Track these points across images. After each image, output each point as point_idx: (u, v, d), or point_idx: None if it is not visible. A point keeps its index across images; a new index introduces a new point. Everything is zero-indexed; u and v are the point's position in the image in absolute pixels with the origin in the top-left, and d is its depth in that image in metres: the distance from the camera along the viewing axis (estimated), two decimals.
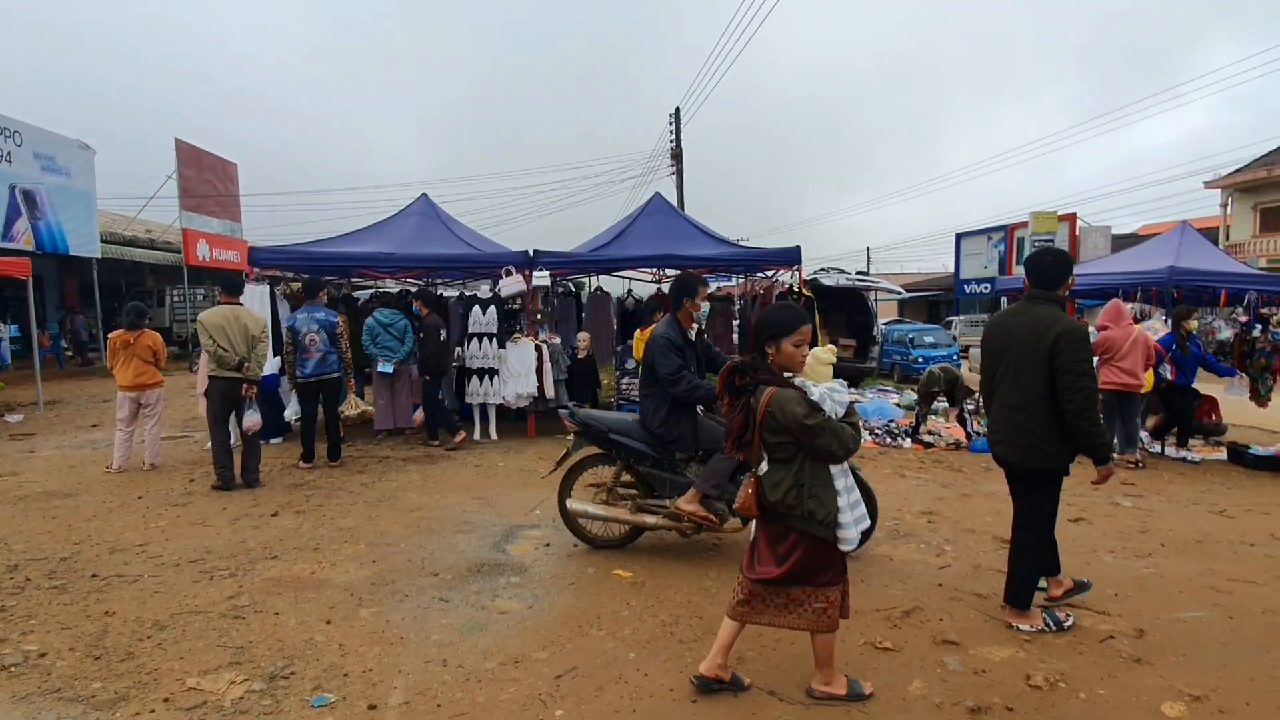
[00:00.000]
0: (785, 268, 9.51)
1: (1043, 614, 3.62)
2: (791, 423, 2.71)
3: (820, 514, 2.77)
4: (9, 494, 6.10)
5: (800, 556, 2.84)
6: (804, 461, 2.79)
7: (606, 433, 4.55)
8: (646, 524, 4.51)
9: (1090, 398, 3.35)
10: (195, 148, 21.01)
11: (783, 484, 2.79)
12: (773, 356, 2.87)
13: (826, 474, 2.82)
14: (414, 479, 6.65)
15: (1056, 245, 12.26)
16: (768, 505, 2.84)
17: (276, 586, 4.10)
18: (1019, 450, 3.56)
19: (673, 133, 22.74)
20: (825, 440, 2.73)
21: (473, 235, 10.06)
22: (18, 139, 15.62)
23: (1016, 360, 3.53)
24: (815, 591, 2.88)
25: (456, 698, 2.96)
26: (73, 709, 2.85)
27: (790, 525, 2.83)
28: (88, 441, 8.54)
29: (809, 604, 2.88)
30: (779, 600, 2.91)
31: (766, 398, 2.77)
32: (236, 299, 6.54)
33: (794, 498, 2.78)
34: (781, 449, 2.80)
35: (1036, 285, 3.65)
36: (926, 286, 33.47)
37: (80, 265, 18.54)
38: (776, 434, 2.78)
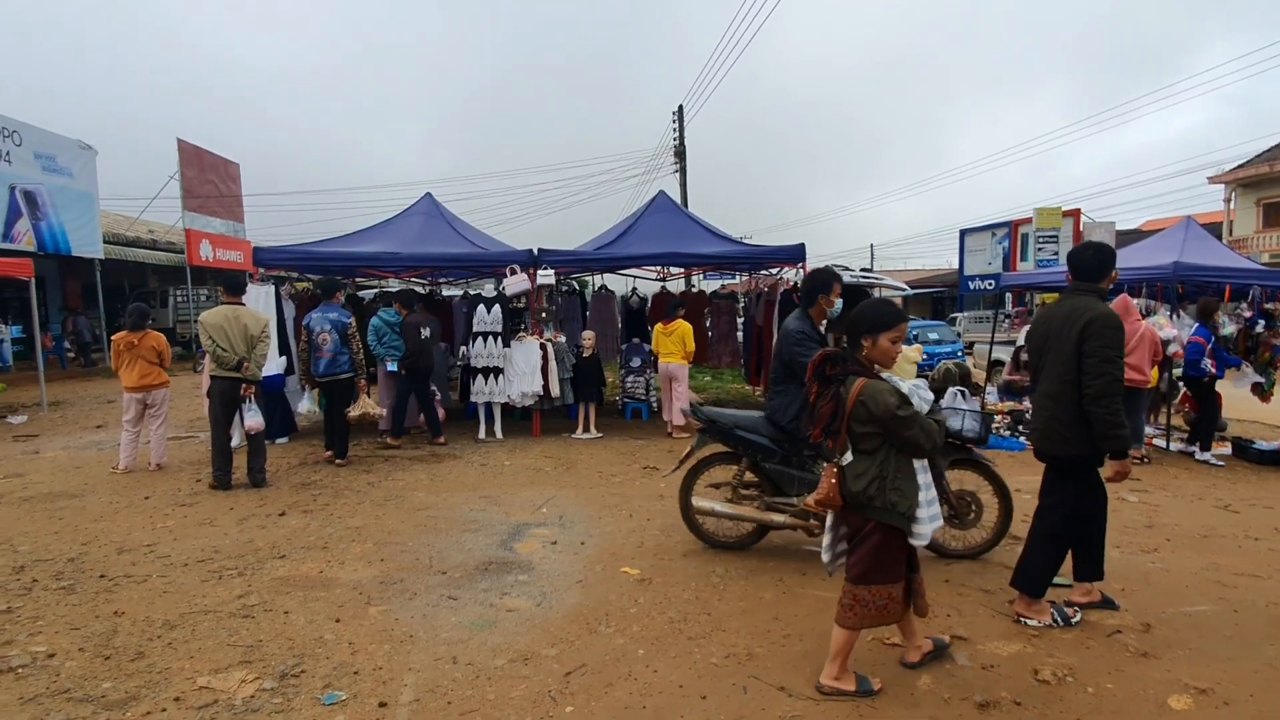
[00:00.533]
0: (790, 265, 9.49)
1: (1051, 609, 3.61)
2: (883, 413, 2.75)
3: (902, 506, 2.82)
4: (14, 495, 6.12)
5: (866, 550, 2.89)
6: (889, 453, 2.84)
7: (733, 429, 4.49)
8: (774, 522, 4.44)
9: (1110, 385, 3.33)
10: (197, 148, 21.02)
11: (866, 474, 2.84)
12: (867, 350, 2.90)
13: (910, 467, 2.86)
14: (420, 478, 6.66)
15: (1061, 240, 12.24)
16: (850, 495, 2.88)
17: (285, 585, 4.10)
18: (1042, 436, 3.58)
19: (676, 130, 22.73)
20: (914, 433, 2.77)
21: (477, 234, 10.07)
22: (17, 139, 15.64)
23: (1054, 349, 3.55)
24: (850, 587, 2.92)
25: (467, 695, 2.96)
26: (83, 709, 2.86)
27: (868, 516, 2.87)
28: (93, 442, 8.56)
29: (842, 597, 2.94)
30: None
31: (858, 388, 2.81)
32: (238, 299, 6.54)
33: (876, 489, 2.82)
34: (868, 440, 2.84)
35: (1079, 278, 3.66)
36: (931, 283, 33.40)
37: (83, 266, 18.58)
38: (865, 424, 2.82)
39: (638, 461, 7.29)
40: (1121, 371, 3.42)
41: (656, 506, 5.69)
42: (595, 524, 5.25)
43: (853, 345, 2.95)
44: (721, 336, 11.81)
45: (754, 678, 3.09)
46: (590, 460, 7.39)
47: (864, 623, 2.91)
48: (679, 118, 22.70)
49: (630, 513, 5.52)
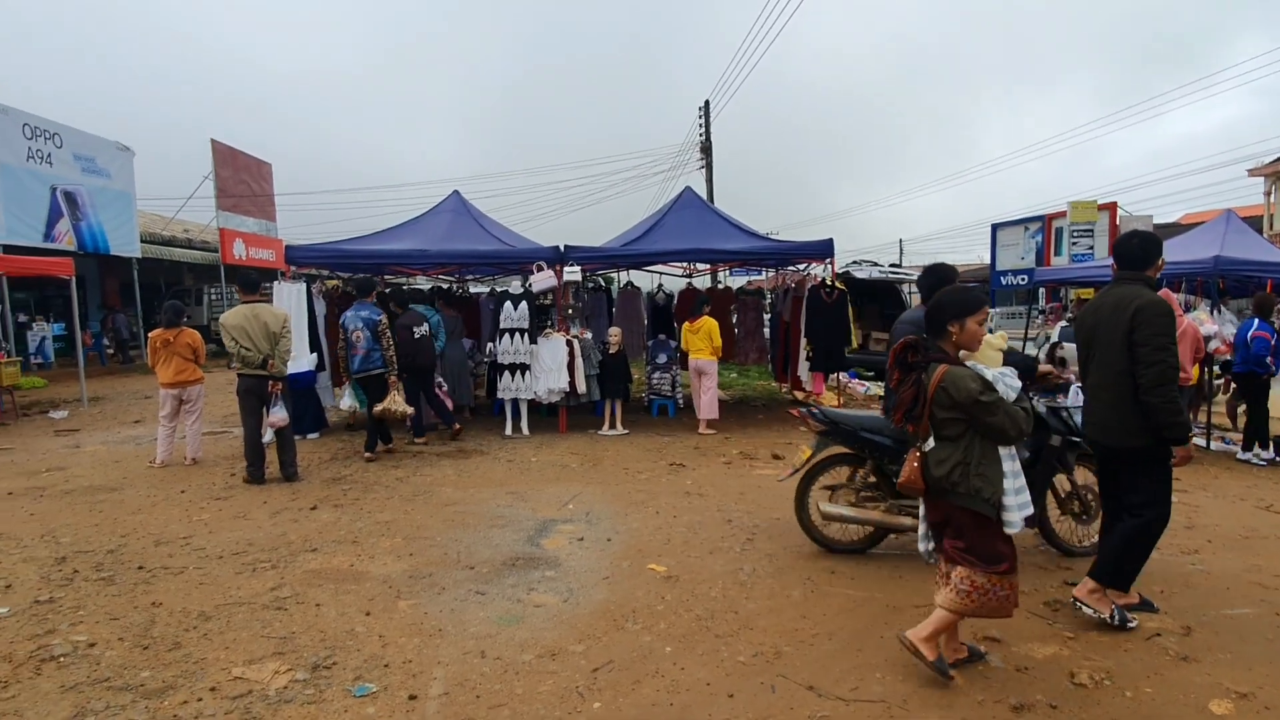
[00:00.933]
0: (817, 261, 9.40)
1: (1114, 606, 3.51)
2: (965, 399, 2.77)
3: (986, 492, 2.82)
4: (56, 488, 6.29)
5: (957, 534, 2.92)
6: (972, 440, 2.85)
7: (856, 431, 4.43)
8: (903, 525, 4.35)
9: (1166, 373, 3.27)
10: (231, 148, 21.44)
11: (948, 460, 2.86)
12: (955, 335, 2.93)
13: (995, 453, 2.86)
14: (448, 474, 6.72)
15: (1097, 234, 11.98)
16: (932, 480, 2.90)
17: (317, 578, 4.16)
18: (1102, 428, 3.51)
19: (702, 126, 22.62)
20: (999, 419, 2.77)
21: (504, 231, 10.11)
22: (58, 141, 16.07)
23: (1102, 340, 3.50)
24: (960, 570, 2.91)
25: (495, 689, 2.98)
26: (122, 697, 2.92)
27: (953, 502, 2.88)
28: (131, 437, 8.77)
29: (953, 582, 2.92)
30: (944, 572, 3.00)
31: (939, 374, 2.83)
32: (255, 296, 6.61)
33: (959, 474, 2.84)
34: (950, 425, 2.85)
35: (1124, 266, 3.59)
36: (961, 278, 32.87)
37: (121, 265, 19.04)
38: (947, 410, 2.83)
39: (664, 458, 7.28)
40: (1175, 358, 3.34)
41: (683, 503, 5.67)
42: (621, 520, 5.25)
43: (937, 333, 2.97)
44: (748, 333, 11.73)
45: (782, 676, 3.07)
46: (616, 457, 7.39)
47: (976, 610, 2.90)
48: (705, 113, 22.59)
49: (657, 509, 5.51)
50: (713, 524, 5.14)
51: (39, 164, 15.50)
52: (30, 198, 15.20)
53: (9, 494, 6.09)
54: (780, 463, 7.06)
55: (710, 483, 6.31)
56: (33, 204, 15.28)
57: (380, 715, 2.79)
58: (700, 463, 7.10)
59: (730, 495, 5.90)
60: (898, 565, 4.32)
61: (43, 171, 15.59)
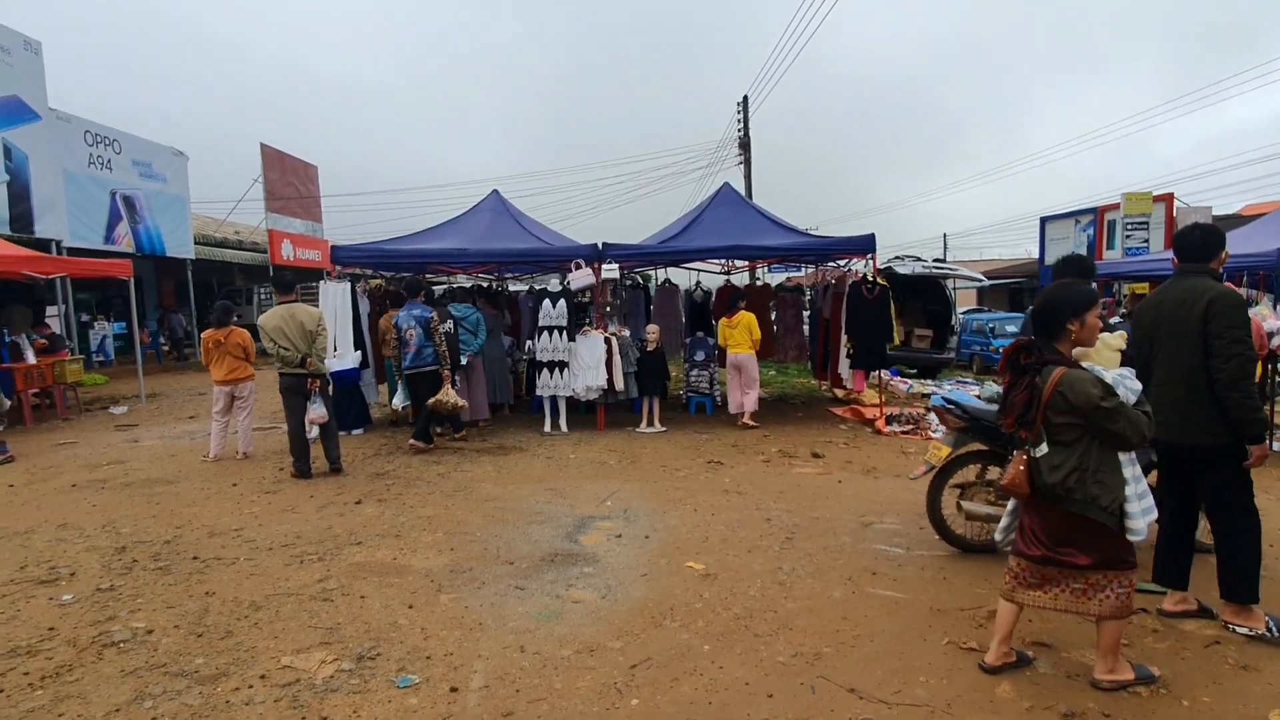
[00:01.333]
0: (859, 256, 9.26)
1: (1266, 617, 3.34)
2: (1085, 404, 2.67)
3: (1105, 500, 2.74)
4: (116, 481, 6.55)
5: (1075, 539, 2.83)
6: (1089, 445, 2.75)
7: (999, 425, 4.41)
8: None
9: (1242, 368, 3.15)
10: (279, 152, 22.03)
11: (1063, 466, 2.76)
12: (1076, 333, 2.84)
13: (1114, 459, 2.78)
14: (488, 470, 6.80)
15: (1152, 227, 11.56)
16: (1042, 486, 2.81)
17: (361, 571, 4.25)
18: (1175, 428, 3.36)
19: (740, 121, 22.46)
20: (1120, 425, 2.67)
21: (543, 230, 10.19)
22: (117, 147, 16.72)
23: (1168, 335, 3.38)
24: (1120, 575, 2.84)
25: (534, 684, 3.00)
26: (178, 683, 3.03)
27: (1067, 509, 2.79)
28: (186, 432, 9.08)
29: (1112, 588, 2.84)
30: (1034, 578, 2.94)
31: (1056, 377, 2.73)
32: (290, 296, 6.77)
33: (1075, 481, 2.74)
34: (1066, 430, 2.76)
35: (1186, 259, 3.47)
36: (1008, 274, 32.00)
37: (176, 266, 19.73)
38: (1062, 415, 2.74)
39: (702, 456, 7.26)
40: (1253, 351, 3.22)
41: (721, 501, 5.64)
42: (659, 518, 5.25)
43: (1052, 335, 2.86)
44: (787, 330, 11.62)
45: (822, 678, 3.03)
46: (654, 454, 7.39)
47: (1114, 612, 2.85)
48: (744, 108, 22.42)
49: (694, 507, 5.49)
50: (751, 522, 5.10)
51: (100, 169, 16.15)
52: (92, 202, 15.86)
53: (72, 486, 6.36)
54: (820, 461, 6.99)
55: (749, 481, 6.27)
56: (94, 208, 15.94)
57: (423, 706, 2.84)
58: (739, 460, 7.06)
59: (769, 494, 5.85)
60: (942, 567, 4.24)
61: (103, 177, 16.24)
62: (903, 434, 8.27)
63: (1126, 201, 12.01)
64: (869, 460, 7.03)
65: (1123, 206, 12.05)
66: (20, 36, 13.72)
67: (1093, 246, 12.74)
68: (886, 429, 8.40)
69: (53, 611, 3.74)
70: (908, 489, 5.96)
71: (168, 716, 2.78)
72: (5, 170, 13.32)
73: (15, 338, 10.37)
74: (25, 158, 13.79)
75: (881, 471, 6.59)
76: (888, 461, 6.99)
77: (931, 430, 8.33)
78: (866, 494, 5.83)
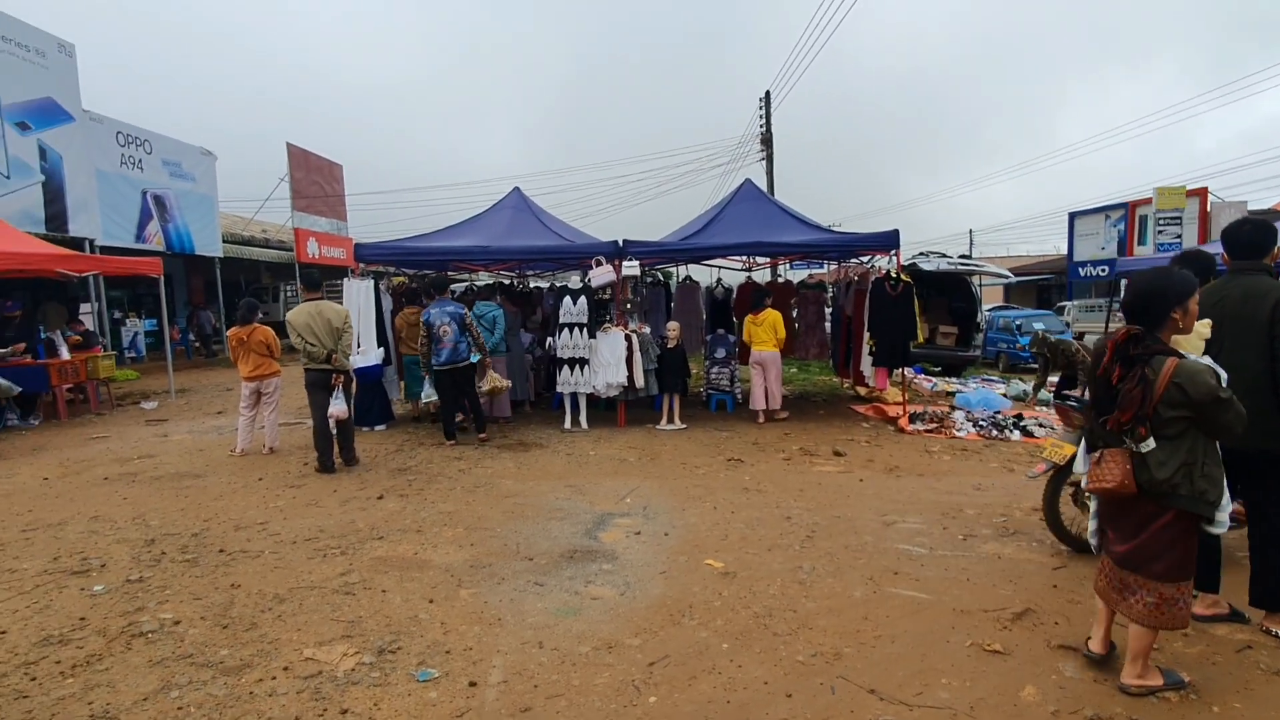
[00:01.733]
0: (882, 252, 9.15)
1: None
2: (1204, 396, 2.59)
3: (1212, 494, 2.68)
4: (147, 474, 6.68)
5: (1158, 539, 2.76)
6: (1196, 438, 2.68)
7: None
8: None
9: None
10: (304, 151, 22.29)
11: (1171, 462, 2.67)
12: (1180, 320, 2.76)
13: (1218, 452, 2.72)
14: (509, 466, 6.83)
15: (1185, 222, 11.30)
16: (1148, 484, 2.71)
17: (383, 565, 4.29)
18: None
19: (763, 117, 22.32)
20: (1230, 417, 2.62)
21: (564, 227, 10.20)
22: (148, 147, 17.04)
23: (1231, 336, 3.29)
24: (1149, 583, 2.78)
25: (553, 679, 3.01)
26: (203, 673, 3.08)
27: (1170, 505, 2.72)
28: (214, 427, 9.24)
29: (1140, 594, 2.80)
30: (1116, 580, 2.90)
31: (1169, 369, 2.63)
32: (317, 294, 6.91)
33: (1182, 475, 2.67)
34: (1174, 424, 2.66)
35: (1240, 256, 3.39)
36: (1035, 270, 31.52)
37: (204, 264, 20.07)
38: (1176, 408, 2.64)
39: (722, 453, 7.23)
40: None
41: (741, 499, 5.62)
42: (679, 515, 5.23)
43: (1155, 323, 2.76)
44: (809, 327, 11.53)
45: (842, 678, 3.00)
46: (674, 451, 7.38)
47: (1170, 624, 2.78)
48: (766, 104, 22.26)
49: (714, 505, 5.47)
50: (771, 520, 5.07)
51: (131, 169, 16.48)
52: (124, 201, 16.19)
53: (105, 479, 6.50)
54: (841, 459, 6.93)
55: (769, 479, 6.24)
56: (126, 207, 16.27)
57: (442, 700, 2.86)
58: (759, 458, 7.02)
59: (789, 492, 5.81)
60: (965, 568, 4.18)
61: (134, 176, 16.57)
62: (926, 432, 8.17)
63: (1159, 196, 11.76)
64: (891, 459, 6.95)
65: (1155, 201, 11.80)
66: (54, 39, 14.02)
67: (1123, 242, 12.50)
68: (910, 427, 8.31)
69: (84, 602, 3.82)
70: (930, 488, 5.89)
71: (193, 706, 2.83)
72: (40, 170, 13.63)
73: (51, 334, 10.62)
74: (60, 158, 14.10)
75: (904, 470, 6.51)
76: (911, 460, 6.91)
77: (956, 429, 8.23)
78: (889, 493, 5.76)
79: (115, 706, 2.83)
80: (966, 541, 4.61)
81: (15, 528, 5.10)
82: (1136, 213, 12.42)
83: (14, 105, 13.02)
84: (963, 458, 7.05)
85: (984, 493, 5.78)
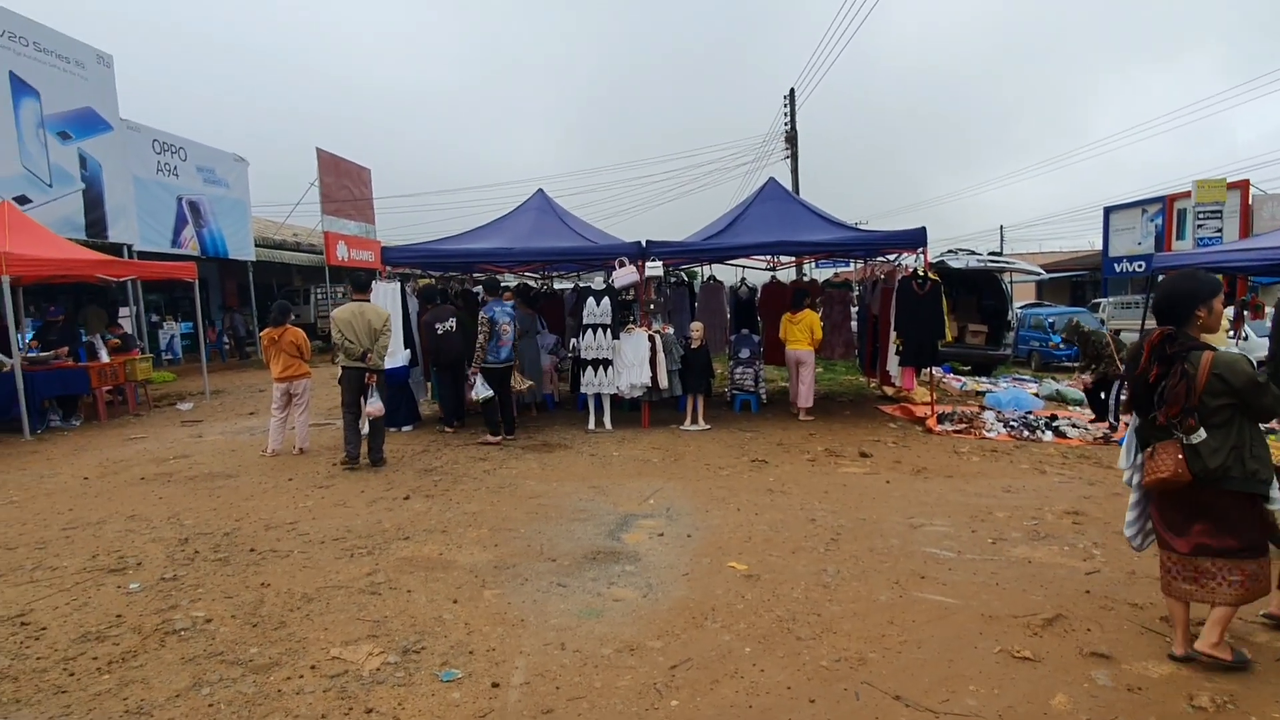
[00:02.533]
0: (909, 251, 9.03)
1: None
2: (1245, 383, 2.75)
3: (1263, 474, 2.81)
4: (181, 474, 6.83)
5: (1226, 521, 2.87)
6: (1241, 422, 2.82)
7: None
8: None
9: None
10: (334, 156, 22.66)
11: (1223, 448, 2.80)
12: (1204, 319, 2.92)
13: (1261, 433, 2.86)
14: (532, 467, 6.87)
15: (1226, 216, 10.99)
16: (1202, 472, 2.83)
17: (408, 565, 4.34)
18: None
19: (787, 115, 22.16)
20: (1269, 399, 2.77)
21: (587, 228, 10.22)
22: (183, 154, 17.46)
23: None
24: (1228, 564, 2.88)
25: (575, 681, 3.02)
26: (234, 671, 3.14)
27: (1226, 488, 2.83)
28: (246, 428, 9.42)
29: (1223, 576, 2.90)
30: (1190, 572, 2.97)
31: (1208, 361, 2.78)
32: (365, 296, 7.14)
33: (1234, 459, 2.80)
34: (1219, 413, 2.81)
35: None
36: (1069, 266, 30.83)
37: (238, 267, 20.49)
38: (1219, 397, 2.79)
39: (746, 454, 7.19)
40: None
41: (765, 501, 5.58)
42: (702, 517, 5.22)
43: (1182, 323, 2.93)
44: (835, 327, 11.41)
45: (866, 684, 2.96)
46: (698, 452, 7.36)
47: (1258, 594, 2.90)
48: (790, 101, 22.11)
49: (738, 506, 5.44)
50: (795, 523, 5.03)
51: (167, 176, 16.89)
52: (160, 207, 16.60)
53: (141, 479, 6.66)
54: (867, 461, 6.85)
55: (793, 480, 6.19)
56: (162, 213, 16.68)
57: (465, 701, 2.88)
58: (783, 459, 6.97)
59: (814, 494, 5.76)
60: (995, 572, 4.10)
61: (170, 183, 16.98)
62: (955, 433, 8.04)
63: (1198, 189, 11.44)
64: (919, 460, 6.86)
65: (1194, 194, 11.49)
66: (93, 51, 14.42)
67: (1161, 237, 12.18)
68: (938, 428, 8.18)
69: (120, 599, 3.92)
70: (959, 490, 5.79)
71: (224, 704, 2.88)
72: (81, 178, 14.03)
73: (91, 338, 10.92)
74: (99, 166, 14.50)
75: (932, 472, 6.42)
76: (939, 461, 6.81)
77: (985, 429, 8.09)
78: (915, 495, 5.68)
79: (149, 702, 2.90)
80: (996, 545, 4.53)
81: (57, 526, 5.26)
82: (1175, 207, 12.10)
83: (55, 115, 13.41)
84: (992, 459, 6.93)
85: (1014, 495, 5.67)
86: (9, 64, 12.43)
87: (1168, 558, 3.07)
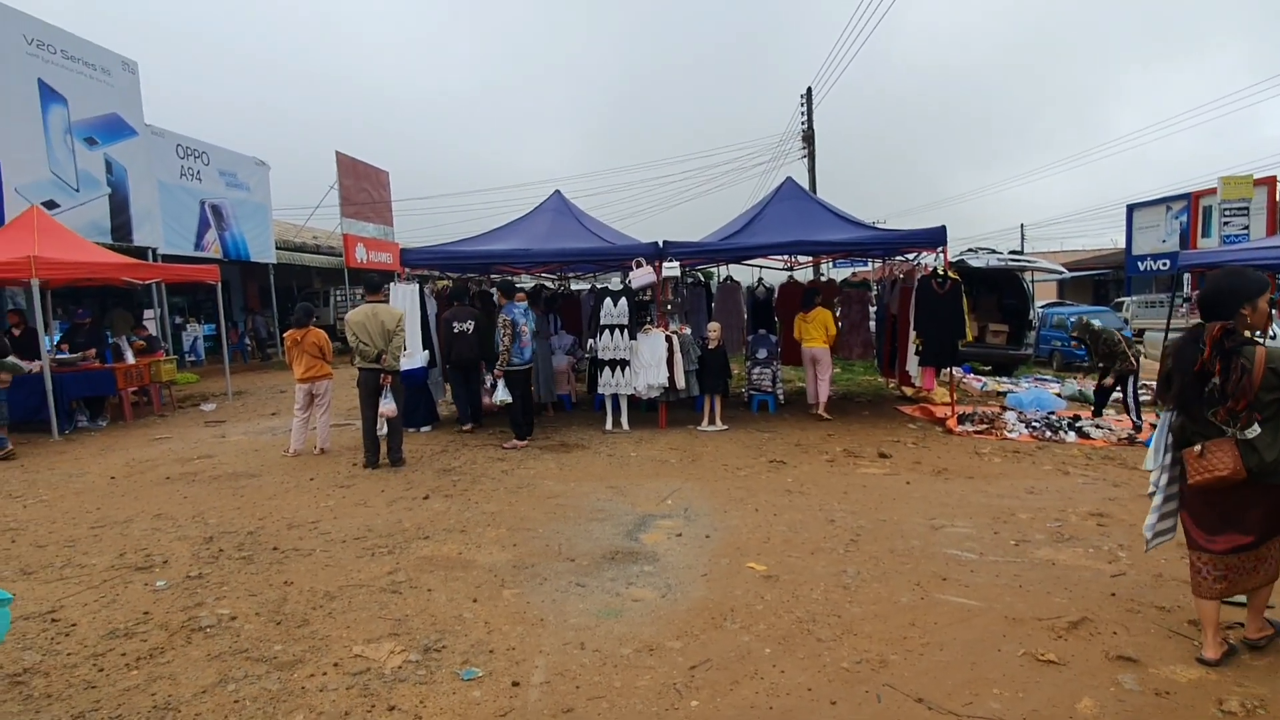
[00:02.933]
0: (928, 250, 8.95)
1: None
2: None
3: None
4: (205, 474, 6.93)
5: (1271, 513, 2.94)
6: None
7: None
8: None
9: None
10: (353, 159, 22.88)
11: (1277, 442, 2.85)
12: (1249, 317, 2.94)
13: None
14: (550, 467, 6.89)
15: (1253, 213, 10.79)
16: (1258, 467, 2.86)
17: (429, 565, 4.37)
18: None
19: (804, 114, 22.06)
20: None
21: (604, 229, 10.24)
22: (205, 159, 17.71)
23: None
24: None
25: (594, 681, 3.02)
26: (258, 668, 3.18)
27: (1274, 484, 2.88)
28: (269, 428, 9.54)
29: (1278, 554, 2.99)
30: (1250, 564, 3.00)
31: (1263, 356, 2.82)
32: (378, 297, 7.20)
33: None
34: (1271, 406, 2.86)
35: None
36: (1091, 265, 30.42)
37: (259, 270, 20.75)
38: (1273, 391, 2.83)
39: (764, 455, 7.16)
40: None
41: (783, 501, 5.56)
42: (720, 517, 5.21)
43: (1226, 319, 2.94)
44: (853, 326, 11.35)
45: (888, 686, 2.94)
46: (715, 452, 7.34)
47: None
48: (807, 100, 22.00)
49: (756, 507, 5.43)
50: (814, 524, 5.01)
51: (190, 180, 17.14)
52: (183, 211, 16.86)
53: (167, 479, 6.77)
54: (887, 461, 6.80)
55: (812, 481, 6.16)
56: (185, 217, 16.93)
57: (485, 699, 2.90)
58: (801, 460, 6.94)
59: (833, 494, 5.73)
60: (1018, 574, 4.06)
61: (193, 187, 17.24)
62: (976, 434, 7.96)
63: (1224, 186, 11.24)
64: (939, 461, 6.80)
65: (1220, 191, 11.28)
66: (119, 58, 14.66)
67: (1186, 234, 11.99)
68: (959, 428, 8.11)
69: (147, 597, 3.99)
70: (980, 491, 5.73)
71: (249, 700, 2.92)
72: (107, 183, 14.27)
73: (117, 340, 11.11)
74: (124, 171, 14.74)
75: (953, 473, 6.36)
76: (959, 462, 6.75)
77: (1007, 430, 7.99)
78: (936, 496, 5.64)
79: (176, 698, 2.95)
80: (1019, 547, 4.48)
81: (85, 524, 5.36)
82: (1200, 204, 11.90)
83: (82, 121, 13.65)
84: (1014, 460, 6.85)
85: (1037, 496, 5.60)
86: (38, 71, 12.67)
87: (1198, 558, 3.04)
